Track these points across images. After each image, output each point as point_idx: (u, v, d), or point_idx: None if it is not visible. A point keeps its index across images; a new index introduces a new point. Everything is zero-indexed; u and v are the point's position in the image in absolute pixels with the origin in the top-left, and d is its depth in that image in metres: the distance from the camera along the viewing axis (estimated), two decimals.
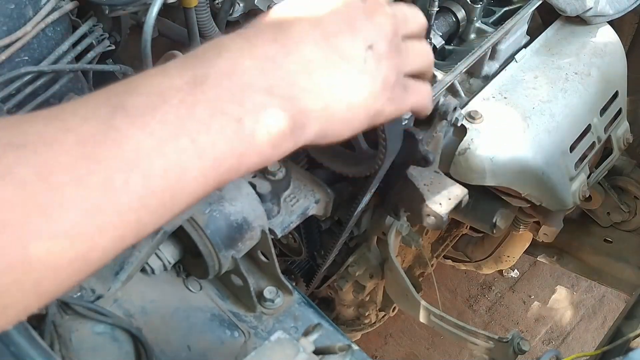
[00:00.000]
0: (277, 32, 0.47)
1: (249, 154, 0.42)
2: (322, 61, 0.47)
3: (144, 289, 0.66)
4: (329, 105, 0.47)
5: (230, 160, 0.41)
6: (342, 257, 1.11)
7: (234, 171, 0.42)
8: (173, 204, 0.40)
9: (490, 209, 1.13)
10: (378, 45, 0.50)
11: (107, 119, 0.37)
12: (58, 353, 0.55)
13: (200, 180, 0.40)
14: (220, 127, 0.40)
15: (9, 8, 0.69)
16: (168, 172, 0.38)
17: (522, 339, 0.87)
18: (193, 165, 0.39)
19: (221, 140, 0.40)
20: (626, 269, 1.44)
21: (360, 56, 0.49)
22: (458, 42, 0.93)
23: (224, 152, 0.41)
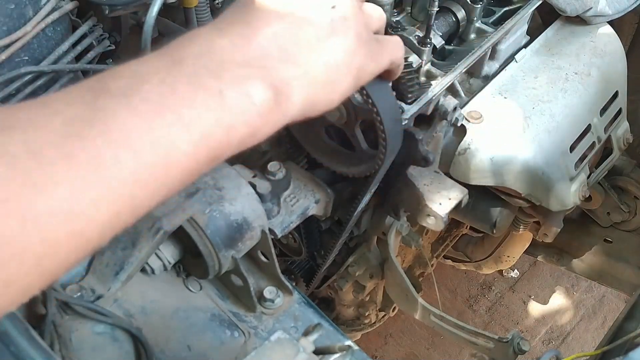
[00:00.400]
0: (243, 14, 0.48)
1: (237, 125, 0.43)
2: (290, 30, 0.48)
3: (144, 289, 0.66)
4: (307, 71, 0.48)
5: (218, 133, 0.42)
6: (342, 257, 1.11)
7: (225, 145, 0.43)
8: (166, 179, 0.41)
9: (490, 209, 1.13)
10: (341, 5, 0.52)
11: (91, 101, 0.39)
12: (58, 353, 0.55)
13: (191, 154, 0.41)
14: (203, 101, 0.41)
15: (9, 8, 0.69)
16: (156, 146, 0.39)
17: (522, 339, 0.87)
18: (181, 139, 0.40)
19: (206, 113, 0.41)
20: (626, 269, 1.44)
21: (327, 16, 0.50)
22: (458, 42, 0.93)
23: (211, 124, 0.42)
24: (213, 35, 0.46)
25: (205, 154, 0.42)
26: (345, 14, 0.52)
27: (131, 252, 0.62)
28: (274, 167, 0.75)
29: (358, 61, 0.52)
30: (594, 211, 1.42)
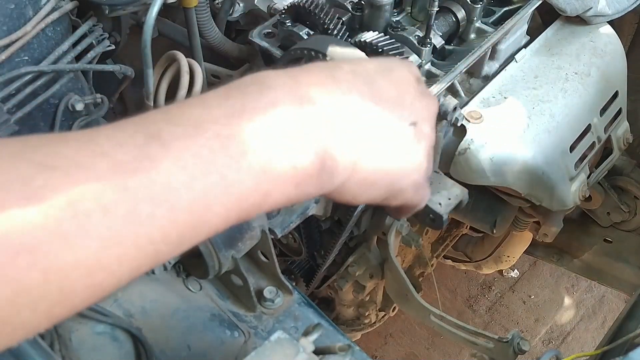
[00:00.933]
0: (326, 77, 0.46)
1: (274, 192, 0.42)
2: (364, 117, 0.46)
3: (144, 289, 0.66)
4: (358, 162, 0.46)
5: (254, 198, 0.41)
6: (342, 257, 1.11)
7: (257, 207, 0.42)
8: (192, 237, 0.39)
9: (490, 209, 1.13)
10: (422, 126, 0.50)
11: (142, 146, 0.37)
12: (58, 353, 0.55)
13: (223, 214, 0.40)
14: (249, 165, 0.40)
15: (9, 8, 0.69)
16: (193, 206, 0.38)
17: (522, 339, 0.87)
18: (218, 201, 0.39)
19: (249, 177, 0.40)
20: (626, 269, 1.44)
21: (403, 128, 0.49)
22: (458, 42, 0.93)
23: (250, 189, 0.40)
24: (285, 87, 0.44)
25: (236, 215, 0.41)
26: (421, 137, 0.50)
27: None
28: None
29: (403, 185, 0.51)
30: (594, 211, 1.42)
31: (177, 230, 0.38)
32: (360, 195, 0.49)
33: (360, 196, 0.49)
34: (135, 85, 0.85)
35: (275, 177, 0.41)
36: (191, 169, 0.38)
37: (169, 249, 0.38)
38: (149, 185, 0.36)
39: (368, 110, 0.46)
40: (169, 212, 0.37)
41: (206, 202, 0.38)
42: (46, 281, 0.33)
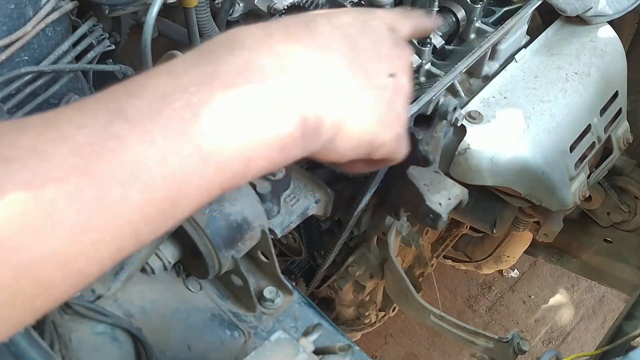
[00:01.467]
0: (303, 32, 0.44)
1: (257, 158, 0.39)
2: (347, 72, 0.45)
3: (144, 289, 0.66)
4: (343, 119, 0.44)
5: (236, 166, 0.38)
6: (342, 257, 1.11)
7: (240, 176, 0.39)
8: (174, 212, 0.37)
9: (490, 209, 1.13)
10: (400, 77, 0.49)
11: (105, 126, 0.35)
12: (58, 353, 0.55)
13: (204, 186, 0.38)
14: (227, 132, 0.37)
15: (9, 8, 0.69)
16: (169, 181, 0.36)
17: (522, 339, 0.87)
18: (196, 172, 0.37)
19: (227, 145, 0.37)
20: (626, 269, 1.44)
21: (383, 81, 0.47)
22: (458, 42, 0.93)
23: (230, 157, 0.38)
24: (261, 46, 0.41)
25: (219, 185, 0.38)
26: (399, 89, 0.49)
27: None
28: None
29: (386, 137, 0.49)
30: (594, 211, 1.42)
31: (155, 208, 0.36)
32: (345, 153, 0.47)
33: (346, 154, 0.47)
34: None
35: (257, 144, 0.39)
36: (161, 143, 0.35)
37: (150, 227, 0.36)
38: (116, 167, 0.34)
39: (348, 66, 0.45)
40: (143, 191, 0.35)
41: (183, 176, 0.36)
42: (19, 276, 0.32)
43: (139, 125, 0.35)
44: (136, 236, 0.36)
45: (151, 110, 0.36)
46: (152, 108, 0.36)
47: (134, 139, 0.35)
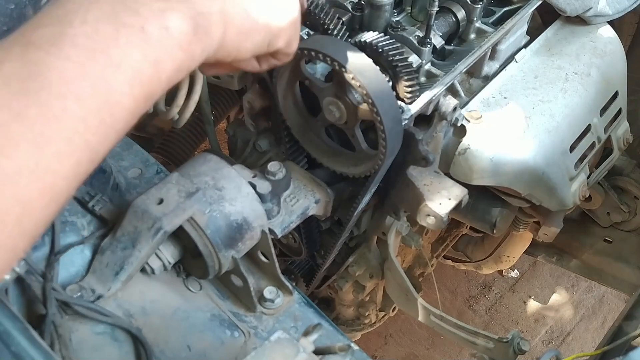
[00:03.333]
0: None
1: (163, 59, 0.44)
2: None
3: (144, 289, 0.66)
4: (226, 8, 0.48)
5: (148, 69, 0.43)
6: (342, 257, 1.11)
7: (155, 80, 0.44)
8: (113, 121, 0.42)
9: (490, 209, 1.13)
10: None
11: (21, 56, 0.39)
12: (58, 353, 0.55)
13: (128, 93, 0.42)
14: (127, 38, 0.42)
15: (9, 8, 0.69)
16: (97, 89, 0.40)
17: (522, 339, 0.87)
18: (116, 79, 0.41)
19: (132, 50, 0.42)
20: (626, 269, 1.44)
21: None
22: (458, 42, 0.93)
23: (139, 61, 0.42)
24: None
25: (141, 91, 0.43)
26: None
27: (131, 252, 0.62)
28: (274, 167, 0.75)
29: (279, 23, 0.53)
30: (594, 211, 1.42)
31: (95, 117, 0.40)
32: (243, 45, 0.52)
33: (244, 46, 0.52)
34: None
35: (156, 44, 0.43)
36: (75, 58, 0.40)
37: (97, 138, 0.41)
38: (46, 84, 0.38)
39: None
40: (78, 102, 0.39)
41: (107, 84, 0.41)
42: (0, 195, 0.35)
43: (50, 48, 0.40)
44: (88, 147, 0.40)
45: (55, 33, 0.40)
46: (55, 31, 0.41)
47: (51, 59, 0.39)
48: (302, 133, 0.84)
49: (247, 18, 0.51)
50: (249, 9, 0.51)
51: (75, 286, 0.62)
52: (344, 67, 0.66)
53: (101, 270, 0.63)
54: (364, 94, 0.67)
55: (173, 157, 1.26)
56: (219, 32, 0.48)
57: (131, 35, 0.42)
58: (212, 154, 0.70)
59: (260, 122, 0.95)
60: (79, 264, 0.64)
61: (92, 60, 0.40)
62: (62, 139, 0.38)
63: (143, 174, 0.77)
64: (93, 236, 0.66)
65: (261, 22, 0.52)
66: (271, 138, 0.95)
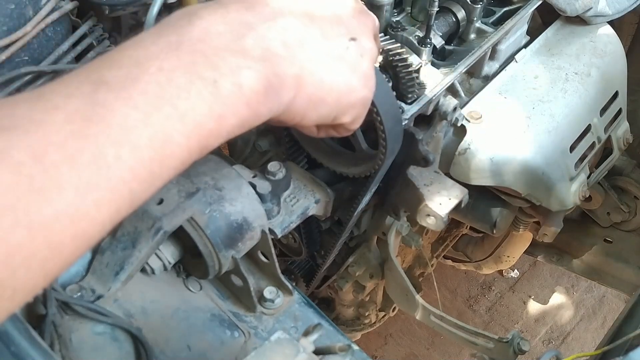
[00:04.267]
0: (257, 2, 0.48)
1: (227, 115, 0.43)
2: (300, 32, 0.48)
3: (144, 289, 0.66)
4: (302, 76, 0.47)
5: (210, 124, 0.42)
6: (342, 257, 1.11)
7: (215, 134, 0.43)
8: (162, 172, 0.41)
9: (490, 209, 1.13)
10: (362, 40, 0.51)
11: (90, 94, 0.38)
12: (58, 353, 0.55)
13: (184, 145, 0.41)
14: (198, 91, 0.41)
15: (9, 8, 0.69)
16: (154, 141, 0.39)
17: (522, 339, 0.87)
18: (176, 132, 0.40)
19: (200, 103, 0.41)
20: (626, 269, 1.44)
21: (343, 42, 0.50)
22: (458, 42, 0.93)
23: (204, 115, 0.42)
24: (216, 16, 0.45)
25: (197, 144, 0.42)
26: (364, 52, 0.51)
27: (131, 252, 0.62)
28: (274, 167, 0.75)
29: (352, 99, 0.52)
30: (594, 211, 1.42)
31: (145, 167, 0.39)
32: (309, 114, 0.50)
33: (310, 114, 0.50)
34: None
35: (225, 99, 0.43)
36: (143, 106, 0.39)
37: (142, 187, 0.40)
38: (106, 130, 0.37)
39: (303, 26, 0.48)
40: (133, 151, 0.38)
41: (165, 136, 0.40)
42: (32, 237, 0.34)
43: (121, 92, 0.39)
44: (130, 196, 0.39)
45: (129, 77, 0.40)
46: (130, 75, 0.40)
47: (118, 104, 0.38)
48: (302, 133, 0.84)
49: (321, 89, 0.49)
50: (325, 80, 0.49)
51: (75, 286, 0.62)
52: None
53: (101, 270, 0.63)
54: None
55: None
56: (289, 96, 0.47)
57: (203, 89, 0.42)
58: (212, 154, 0.70)
59: None
60: (79, 264, 0.64)
61: (157, 111, 0.39)
62: (107, 186, 0.37)
63: None
64: None
65: (333, 95, 0.50)
66: (271, 138, 0.95)
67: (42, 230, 0.34)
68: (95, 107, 0.38)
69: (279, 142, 0.92)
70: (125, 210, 0.40)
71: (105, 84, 0.39)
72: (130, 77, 0.40)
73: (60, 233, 0.35)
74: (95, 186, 0.37)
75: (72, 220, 0.36)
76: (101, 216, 0.38)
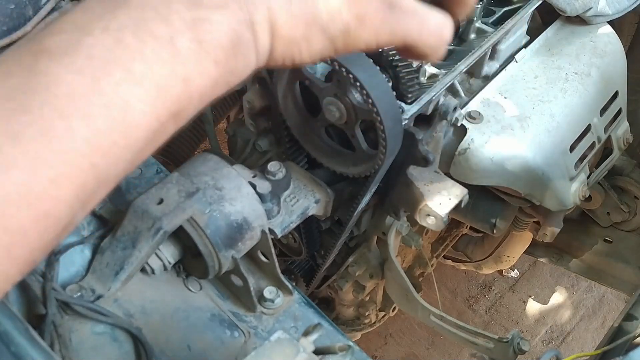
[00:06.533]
0: None
1: (194, 76, 0.38)
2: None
3: (144, 289, 0.66)
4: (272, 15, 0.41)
5: (175, 86, 0.38)
6: (342, 257, 1.11)
7: (185, 98, 0.39)
8: (128, 141, 0.37)
9: (490, 209, 1.13)
10: None
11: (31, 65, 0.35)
12: (58, 353, 0.55)
13: (150, 112, 0.37)
14: (153, 51, 0.37)
15: (9, 8, 0.69)
16: (110, 108, 0.35)
17: (522, 339, 0.87)
18: (135, 97, 0.36)
19: (158, 65, 0.37)
20: (626, 269, 1.44)
21: None
22: (458, 42, 0.93)
23: (165, 77, 0.37)
24: None
25: (166, 110, 0.38)
26: None
27: (131, 252, 0.62)
28: (274, 167, 0.75)
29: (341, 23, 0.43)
30: (594, 211, 1.42)
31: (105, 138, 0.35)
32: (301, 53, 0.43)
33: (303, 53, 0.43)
34: None
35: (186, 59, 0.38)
36: (90, 72, 0.35)
37: (107, 160, 0.36)
38: (51, 99, 0.34)
39: None
40: (85, 122, 0.35)
41: (123, 103, 0.36)
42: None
43: (64, 58, 0.35)
44: (95, 170, 0.36)
45: (71, 42, 0.36)
46: (72, 40, 0.36)
47: (63, 72, 0.35)
48: (302, 133, 0.84)
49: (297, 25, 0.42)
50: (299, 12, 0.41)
51: (75, 286, 0.62)
52: (343, 67, 0.66)
53: (101, 270, 0.63)
54: (364, 94, 0.67)
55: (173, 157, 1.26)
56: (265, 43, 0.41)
57: (158, 48, 0.37)
58: (212, 154, 0.70)
59: (260, 122, 0.95)
60: (79, 264, 0.64)
61: (108, 75, 0.35)
62: (62, 161, 0.34)
63: (143, 174, 0.77)
64: (93, 236, 0.66)
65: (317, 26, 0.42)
66: (271, 138, 0.95)
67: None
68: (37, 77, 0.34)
69: (279, 142, 0.92)
70: (92, 185, 0.36)
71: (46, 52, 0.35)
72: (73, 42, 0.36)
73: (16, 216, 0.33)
74: (48, 162, 0.33)
75: (27, 201, 0.33)
76: (64, 194, 0.35)
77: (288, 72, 0.78)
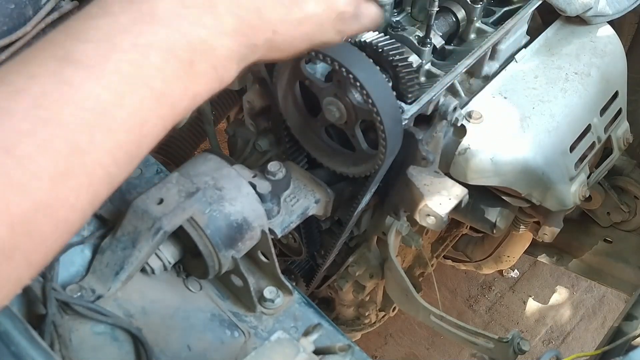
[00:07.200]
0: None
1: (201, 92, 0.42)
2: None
3: (144, 289, 0.66)
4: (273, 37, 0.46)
5: (184, 102, 0.41)
6: (342, 257, 1.11)
7: (188, 110, 0.42)
8: (139, 152, 0.40)
9: (490, 209, 1.13)
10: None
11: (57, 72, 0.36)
12: (58, 353, 0.55)
13: (160, 125, 0.40)
14: (173, 72, 0.40)
15: (9, 8, 0.69)
16: (129, 123, 0.37)
17: (522, 339, 0.87)
18: (152, 112, 0.39)
19: (176, 84, 0.40)
20: (626, 269, 1.44)
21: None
22: (458, 42, 0.93)
23: (180, 94, 0.41)
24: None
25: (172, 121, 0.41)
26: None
27: (131, 252, 0.62)
28: (274, 167, 0.75)
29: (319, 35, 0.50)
30: (594, 211, 1.42)
31: (122, 150, 0.38)
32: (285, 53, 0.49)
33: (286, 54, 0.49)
34: None
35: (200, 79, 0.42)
36: (116, 87, 0.37)
37: (120, 169, 0.38)
38: (78, 113, 0.35)
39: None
40: (107, 135, 0.36)
41: (141, 116, 0.38)
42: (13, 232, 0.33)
43: (91, 70, 0.36)
44: (109, 180, 0.38)
45: (99, 53, 0.37)
46: (99, 51, 0.37)
47: (89, 84, 0.36)
48: (302, 133, 0.84)
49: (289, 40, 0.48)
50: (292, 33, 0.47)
51: (75, 286, 0.62)
52: (344, 67, 0.66)
53: (101, 270, 0.63)
54: (364, 93, 0.67)
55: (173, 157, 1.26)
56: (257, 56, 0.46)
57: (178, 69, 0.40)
58: (212, 154, 0.70)
59: (260, 122, 0.95)
60: (79, 264, 0.64)
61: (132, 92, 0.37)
62: (84, 172, 0.36)
63: (143, 174, 0.77)
64: (93, 236, 0.66)
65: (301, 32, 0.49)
66: (271, 138, 0.95)
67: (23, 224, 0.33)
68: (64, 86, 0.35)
69: (279, 142, 0.92)
70: (103, 193, 0.38)
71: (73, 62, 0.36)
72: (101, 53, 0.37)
73: (41, 224, 0.34)
74: (71, 173, 0.35)
75: (51, 209, 0.35)
76: (80, 203, 0.36)
77: (288, 72, 0.78)
